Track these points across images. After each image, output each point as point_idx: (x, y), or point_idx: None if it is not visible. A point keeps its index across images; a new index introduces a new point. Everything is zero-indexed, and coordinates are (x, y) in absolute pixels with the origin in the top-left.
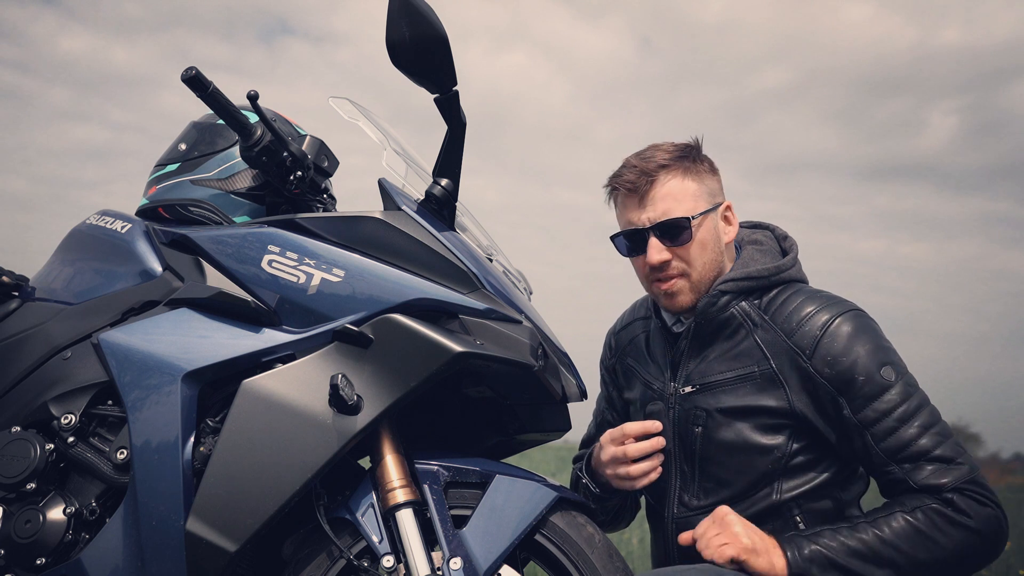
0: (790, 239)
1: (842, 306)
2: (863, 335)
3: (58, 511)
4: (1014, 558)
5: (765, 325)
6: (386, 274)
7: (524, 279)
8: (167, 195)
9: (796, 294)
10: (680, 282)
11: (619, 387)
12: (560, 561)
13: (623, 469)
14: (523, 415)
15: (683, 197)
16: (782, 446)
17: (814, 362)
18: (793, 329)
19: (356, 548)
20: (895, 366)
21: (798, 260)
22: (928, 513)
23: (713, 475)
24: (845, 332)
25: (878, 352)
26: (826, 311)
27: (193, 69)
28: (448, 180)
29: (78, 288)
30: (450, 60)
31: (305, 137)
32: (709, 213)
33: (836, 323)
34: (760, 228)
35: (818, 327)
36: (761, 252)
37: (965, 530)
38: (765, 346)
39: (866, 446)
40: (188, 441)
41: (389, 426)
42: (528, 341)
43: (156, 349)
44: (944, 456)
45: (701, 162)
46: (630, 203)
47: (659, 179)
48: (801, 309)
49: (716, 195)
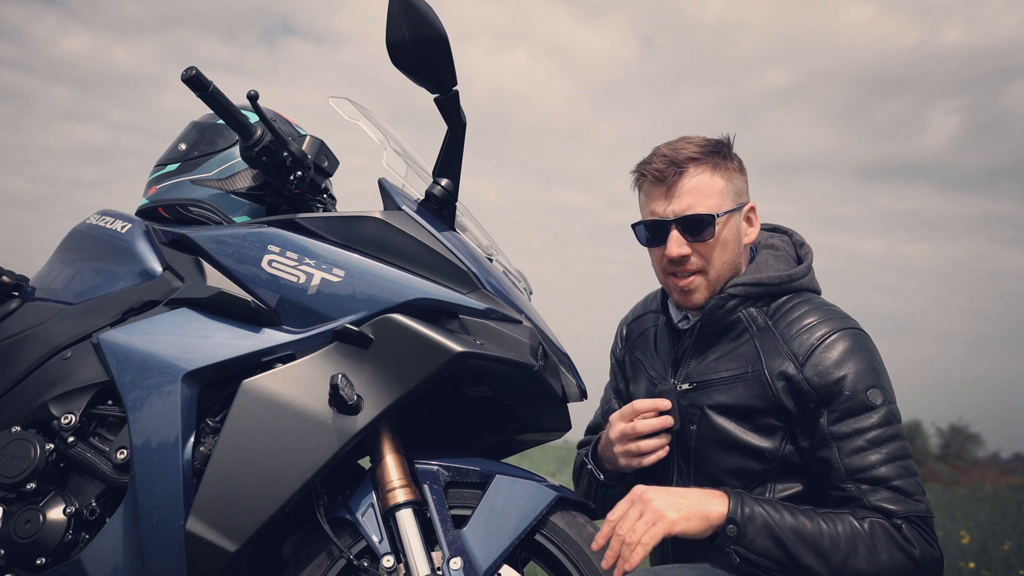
0: (807, 246)
1: (844, 322)
2: (858, 354)
3: (58, 511)
4: (1014, 558)
5: (767, 330)
6: (386, 274)
7: (524, 279)
8: (167, 195)
9: (803, 303)
10: (697, 279)
11: (626, 379)
12: (560, 561)
13: (632, 445)
14: (523, 415)
15: (710, 193)
16: (774, 448)
17: (805, 370)
18: (792, 336)
19: (356, 548)
20: (883, 392)
21: (812, 270)
22: (875, 527)
23: (708, 473)
24: (841, 347)
25: (870, 373)
26: (827, 324)
27: (193, 69)
28: (448, 180)
29: (78, 288)
30: (450, 60)
31: (305, 137)
32: (733, 213)
33: (834, 337)
34: (778, 232)
35: (816, 337)
36: (776, 258)
37: (906, 556)
38: (761, 348)
39: (830, 459)
40: (188, 441)
41: (389, 426)
42: (528, 341)
43: (156, 349)
44: (904, 489)
45: (731, 159)
46: (656, 193)
47: (688, 171)
48: (803, 318)
49: (742, 195)
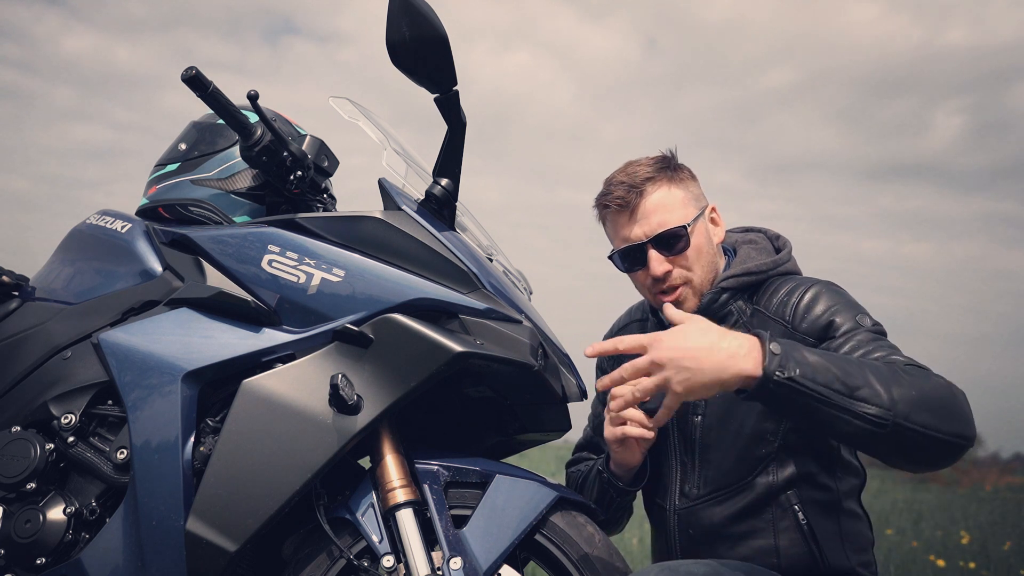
0: (783, 238)
1: (816, 280)
2: (839, 296)
3: (58, 511)
4: (1014, 558)
5: (755, 313)
6: (386, 274)
7: (524, 279)
8: (167, 195)
9: (783, 282)
10: (684, 291)
11: None
12: (560, 561)
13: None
14: (523, 415)
15: (673, 207)
16: (774, 427)
17: (795, 323)
18: (776, 307)
19: (356, 548)
20: (870, 318)
21: (792, 256)
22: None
23: (713, 463)
24: (823, 294)
25: (855, 307)
26: (803, 285)
27: (193, 69)
28: (448, 180)
29: (78, 288)
30: (450, 60)
31: (305, 137)
32: (699, 218)
33: (813, 289)
34: (753, 231)
35: (796, 296)
36: (757, 251)
37: (941, 380)
38: (753, 328)
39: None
40: (188, 441)
41: (389, 426)
42: (528, 341)
43: (156, 349)
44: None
45: (681, 170)
46: (622, 220)
47: (647, 192)
48: (780, 289)
49: (700, 199)
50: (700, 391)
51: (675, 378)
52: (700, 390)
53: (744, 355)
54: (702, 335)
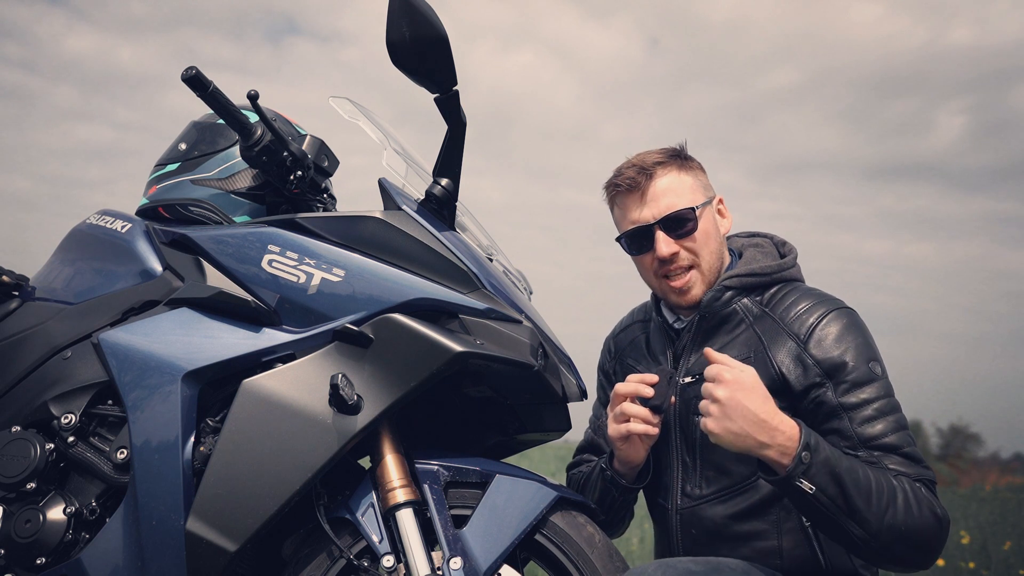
0: (788, 244)
1: (837, 303)
2: (855, 330)
3: (58, 511)
4: (1014, 558)
5: (765, 316)
6: (386, 274)
7: (524, 279)
8: (167, 195)
9: (795, 291)
10: (692, 275)
11: None
12: (560, 561)
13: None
14: (523, 415)
15: (682, 191)
16: None
17: (808, 347)
18: (791, 319)
19: (356, 548)
20: (881, 365)
21: (797, 263)
22: (905, 483)
23: (714, 463)
24: (839, 324)
25: (868, 348)
26: (822, 305)
27: (193, 69)
28: (448, 180)
29: (78, 288)
30: (450, 60)
31: (305, 137)
32: (707, 205)
33: (831, 315)
34: (758, 236)
35: (815, 317)
36: (763, 254)
37: (932, 513)
38: (762, 333)
39: (842, 430)
40: (188, 441)
41: (389, 426)
42: (528, 341)
43: (156, 349)
44: (913, 455)
45: (691, 160)
46: (631, 202)
47: (657, 175)
48: (799, 302)
49: (709, 189)
50: (726, 443)
51: (718, 419)
52: (726, 442)
53: (780, 450)
54: (763, 403)
